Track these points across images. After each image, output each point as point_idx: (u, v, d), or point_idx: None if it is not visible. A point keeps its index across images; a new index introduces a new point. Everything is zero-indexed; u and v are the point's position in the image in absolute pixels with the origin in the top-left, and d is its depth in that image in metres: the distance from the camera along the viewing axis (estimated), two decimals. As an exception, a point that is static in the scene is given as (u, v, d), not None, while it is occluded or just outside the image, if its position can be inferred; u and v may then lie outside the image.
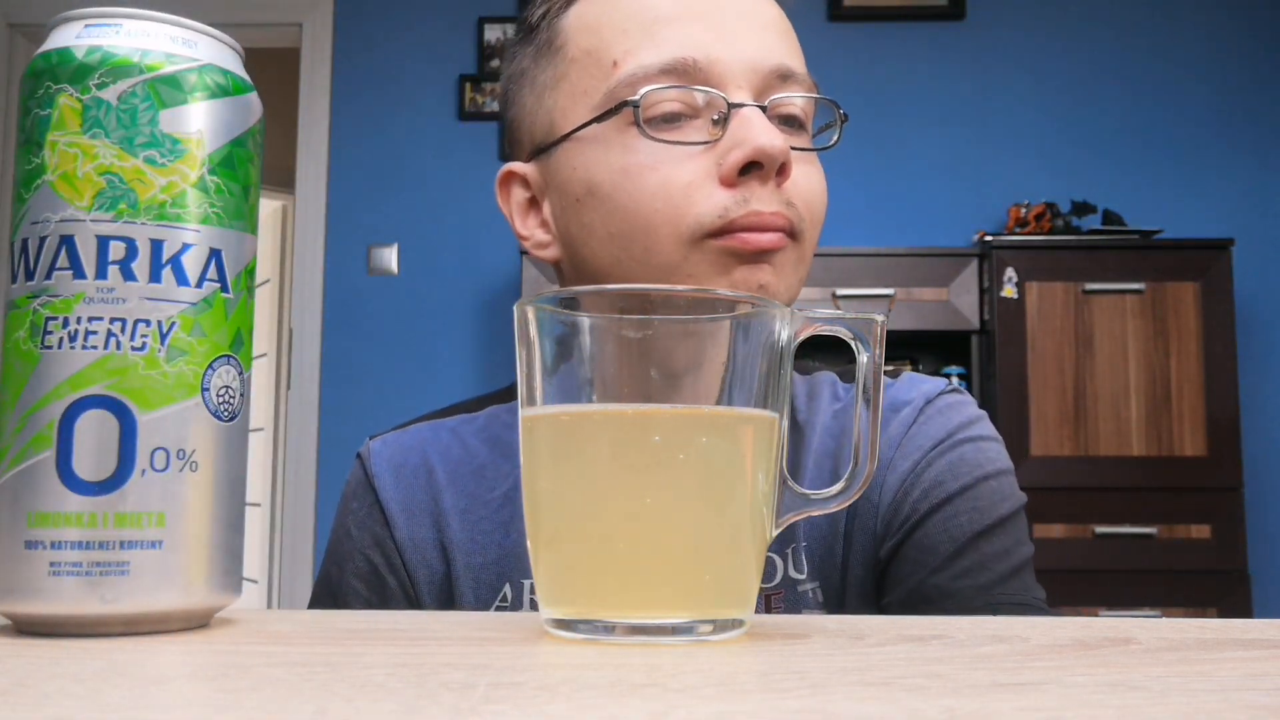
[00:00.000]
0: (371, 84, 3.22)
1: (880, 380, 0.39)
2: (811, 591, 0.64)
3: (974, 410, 0.69)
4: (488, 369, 3.11)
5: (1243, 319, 2.86)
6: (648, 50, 0.62)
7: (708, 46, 0.62)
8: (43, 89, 0.36)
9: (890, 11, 3.16)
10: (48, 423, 0.34)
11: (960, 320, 2.75)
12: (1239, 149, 3.11)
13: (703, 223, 0.60)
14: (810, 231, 0.64)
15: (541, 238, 0.69)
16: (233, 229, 0.38)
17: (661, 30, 0.62)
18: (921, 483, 0.64)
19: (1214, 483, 2.61)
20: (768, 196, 0.61)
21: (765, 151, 0.59)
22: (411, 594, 0.68)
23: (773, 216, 0.60)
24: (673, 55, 0.61)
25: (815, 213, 0.64)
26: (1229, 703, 0.25)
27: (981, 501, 0.64)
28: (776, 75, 0.63)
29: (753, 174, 0.60)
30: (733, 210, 0.60)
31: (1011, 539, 0.64)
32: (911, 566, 0.63)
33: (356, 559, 0.70)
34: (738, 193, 0.60)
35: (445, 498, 0.69)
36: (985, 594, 0.62)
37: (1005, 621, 0.40)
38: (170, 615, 0.35)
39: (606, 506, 0.36)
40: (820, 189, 0.65)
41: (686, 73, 0.61)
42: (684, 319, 0.36)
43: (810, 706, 0.24)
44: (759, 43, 0.63)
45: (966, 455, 0.66)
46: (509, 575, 0.66)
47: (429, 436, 0.72)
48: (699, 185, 0.61)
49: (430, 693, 0.25)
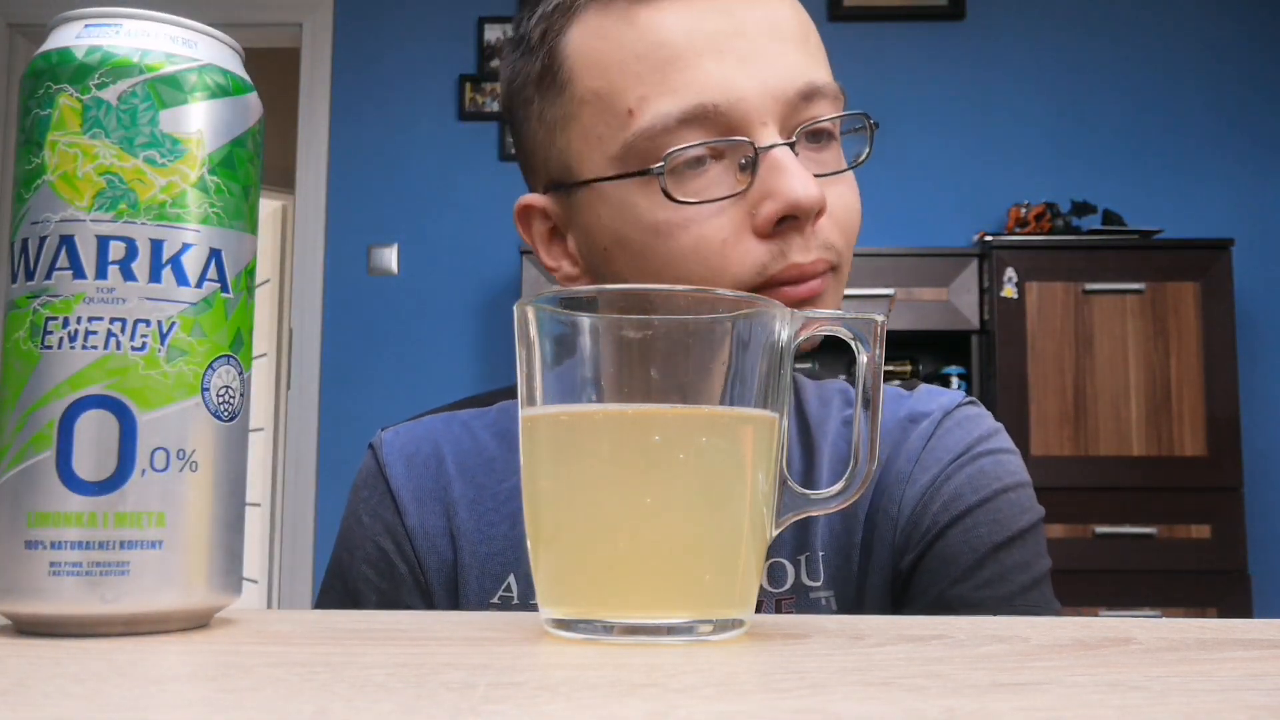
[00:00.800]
0: (371, 84, 3.22)
1: (880, 380, 0.39)
2: (826, 600, 0.64)
3: (991, 423, 0.69)
4: (488, 369, 3.11)
5: (1243, 319, 2.86)
6: (664, 98, 0.59)
7: (727, 84, 0.58)
8: (43, 89, 0.36)
9: (890, 11, 3.17)
10: (48, 422, 0.34)
11: (960, 320, 2.75)
12: (1239, 149, 3.11)
13: (741, 280, 0.59)
14: (848, 253, 0.63)
15: (570, 271, 0.68)
16: (233, 229, 0.38)
17: (676, 72, 0.59)
18: (941, 495, 0.65)
19: (1214, 483, 2.61)
20: (806, 245, 0.59)
21: (799, 205, 0.57)
22: (422, 580, 0.69)
23: (812, 265, 0.59)
24: (692, 102, 0.58)
25: (852, 235, 0.63)
26: (1229, 703, 0.25)
27: (1001, 514, 0.64)
28: (801, 96, 0.60)
29: (789, 224, 0.59)
30: (771, 266, 0.59)
31: (1031, 551, 0.65)
32: (932, 578, 0.63)
33: (368, 545, 0.70)
34: (774, 245, 0.59)
35: (455, 487, 0.69)
36: (1007, 605, 0.62)
37: (1005, 621, 0.40)
38: (170, 615, 0.35)
39: (606, 506, 0.36)
40: (855, 208, 0.63)
41: (708, 119, 0.58)
42: (684, 319, 0.36)
43: (810, 706, 0.24)
44: (780, 64, 0.60)
45: (985, 468, 0.66)
46: (513, 566, 0.67)
47: (440, 428, 0.73)
48: (734, 242, 0.59)
49: (430, 693, 0.25)
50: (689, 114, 0.58)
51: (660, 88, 0.59)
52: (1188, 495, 2.61)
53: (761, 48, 0.60)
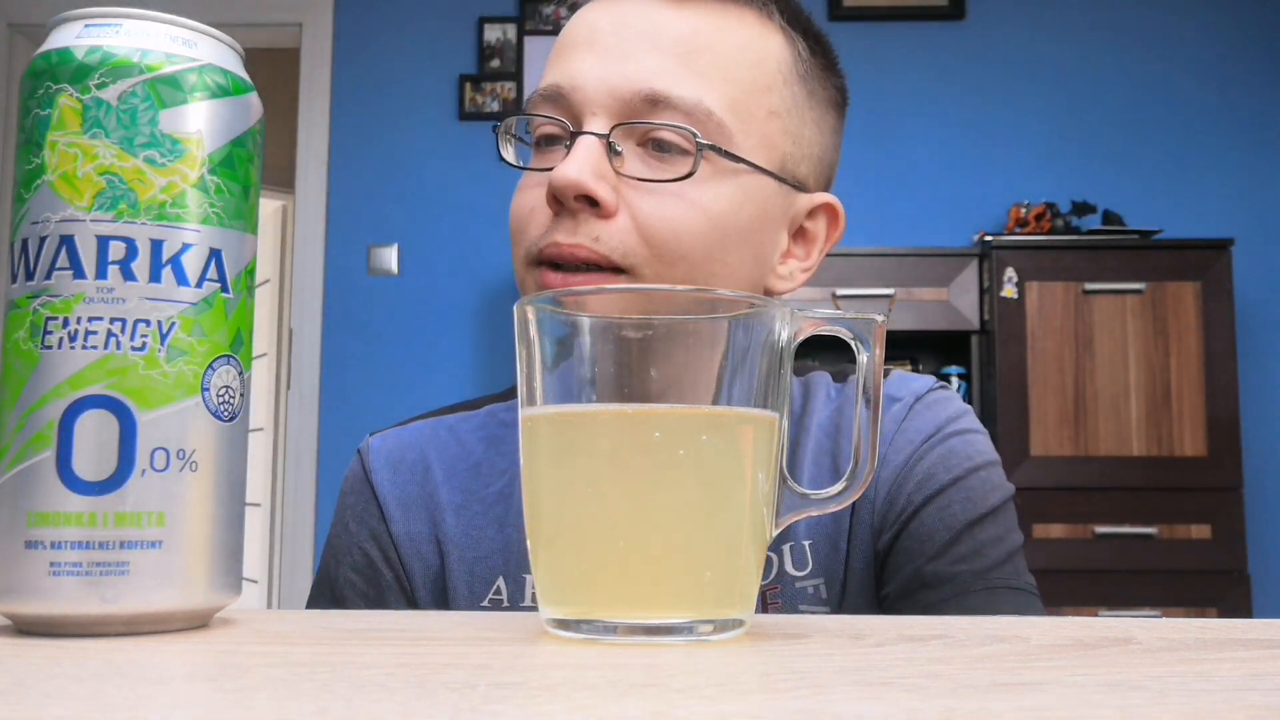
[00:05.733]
0: (371, 84, 3.22)
1: (880, 380, 0.39)
2: (814, 587, 0.66)
3: (960, 405, 0.71)
4: (488, 369, 3.11)
5: (1243, 319, 2.86)
6: (545, 77, 0.66)
7: (574, 72, 0.63)
8: (43, 89, 0.36)
9: (890, 11, 3.16)
10: (47, 422, 0.34)
11: (960, 320, 2.75)
12: (1239, 149, 3.11)
13: (528, 247, 0.63)
14: (649, 264, 0.61)
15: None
16: (233, 229, 0.38)
17: (559, 57, 0.66)
18: (915, 475, 0.66)
19: (1214, 483, 2.61)
20: (573, 228, 0.61)
21: (553, 183, 0.60)
22: (407, 587, 0.69)
23: (572, 249, 0.61)
24: (548, 82, 0.64)
25: (660, 247, 0.61)
26: (1229, 703, 0.25)
27: (974, 492, 0.66)
28: (643, 99, 0.61)
29: (564, 207, 0.61)
30: (541, 240, 0.62)
31: (1003, 526, 0.67)
32: (909, 555, 0.65)
33: (354, 552, 0.71)
34: (551, 222, 0.62)
35: (441, 493, 0.70)
36: (982, 578, 0.64)
37: (1005, 621, 0.40)
38: (170, 615, 0.35)
39: (606, 506, 0.36)
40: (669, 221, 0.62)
41: (555, 100, 0.64)
42: (684, 319, 0.36)
43: (810, 706, 0.24)
44: (635, 67, 0.62)
45: (956, 448, 0.67)
46: (502, 570, 0.68)
47: (427, 433, 0.74)
48: (538, 212, 0.63)
49: (430, 693, 0.25)
50: (543, 92, 0.65)
51: (549, 68, 0.66)
52: (1188, 495, 2.61)
53: (621, 47, 0.63)
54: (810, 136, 0.68)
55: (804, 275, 0.70)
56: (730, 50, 0.64)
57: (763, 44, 0.65)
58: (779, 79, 0.66)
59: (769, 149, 0.65)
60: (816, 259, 0.71)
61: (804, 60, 0.68)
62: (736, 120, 0.63)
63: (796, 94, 0.67)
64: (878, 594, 0.66)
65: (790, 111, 0.66)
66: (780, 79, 0.66)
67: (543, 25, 3.20)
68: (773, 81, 0.65)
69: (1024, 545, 0.67)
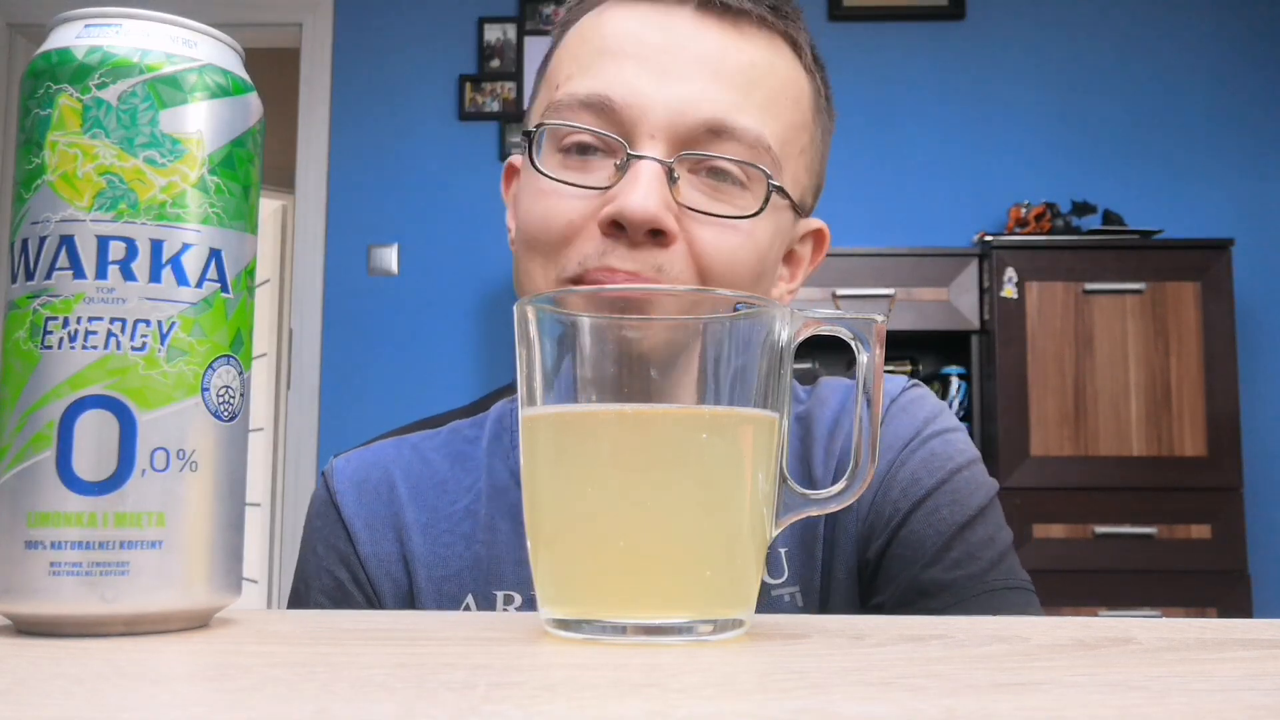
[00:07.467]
0: (371, 84, 3.22)
1: (880, 380, 0.39)
2: (790, 595, 0.66)
3: (935, 403, 0.71)
4: (488, 369, 3.11)
5: (1243, 319, 2.86)
6: (582, 79, 0.62)
7: (631, 86, 0.60)
8: (43, 89, 0.36)
9: (890, 11, 3.16)
10: (47, 422, 0.34)
11: (960, 320, 2.75)
12: (1238, 149, 3.11)
13: (566, 261, 0.61)
14: None
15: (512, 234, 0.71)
16: (233, 229, 0.38)
17: (600, 63, 0.62)
18: (899, 482, 0.66)
19: (1214, 483, 2.61)
20: (629, 255, 0.59)
21: (624, 213, 0.58)
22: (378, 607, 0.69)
23: (629, 276, 0.59)
24: (597, 90, 0.61)
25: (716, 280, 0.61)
26: (1229, 703, 0.25)
27: (959, 493, 0.66)
28: (706, 129, 0.60)
29: (623, 231, 0.59)
30: (590, 260, 0.60)
31: (992, 525, 0.66)
32: (902, 564, 0.65)
33: (323, 577, 0.71)
34: (604, 243, 0.60)
35: (407, 512, 0.70)
36: (979, 581, 0.64)
37: (1005, 621, 0.40)
38: (170, 615, 0.35)
39: (606, 506, 0.36)
40: (728, 254, 0.61)
41: (603, 110, 0.61)
42: (684, 319, 0.36)
43: (810, 706, 0.24)
44: (697, 91, 0.61)
45: (937, 450, 0.67)
46: (470, 586, 0.67)
47: (391, 453, 0.73)
48: (579, 226, 0.61)
49: (430, 693, 0.25)
50: (589, 99, 0.61)
51: (585, 71, 0.63)
52: (1188, 495, 2.61)
53: (680, 69, 0.61)
54: (820, 170, 0.71)
55: (790, 298, 0.72)
56: (780, 85, 0.64)
57: (800, 82, 0.66)
58: (810, 116, 0.68)
59: (794, 184, 0.66)
60: (800, 281, 0.73)
61: (822, 98, 0.70)
62: (782, 156, 0.64)
63: (815, 132, 0.69)
64: (867, 602, 0.66)
65: (811, 147, 0.68)
66: (811, 117, 0.68)
67: (543, 25, 3.20)
68: (805, 119, 0.67)
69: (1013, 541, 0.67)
